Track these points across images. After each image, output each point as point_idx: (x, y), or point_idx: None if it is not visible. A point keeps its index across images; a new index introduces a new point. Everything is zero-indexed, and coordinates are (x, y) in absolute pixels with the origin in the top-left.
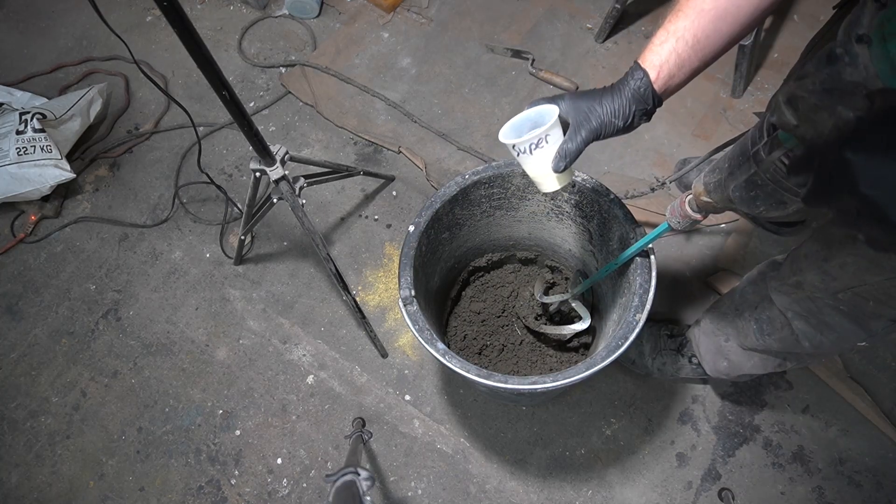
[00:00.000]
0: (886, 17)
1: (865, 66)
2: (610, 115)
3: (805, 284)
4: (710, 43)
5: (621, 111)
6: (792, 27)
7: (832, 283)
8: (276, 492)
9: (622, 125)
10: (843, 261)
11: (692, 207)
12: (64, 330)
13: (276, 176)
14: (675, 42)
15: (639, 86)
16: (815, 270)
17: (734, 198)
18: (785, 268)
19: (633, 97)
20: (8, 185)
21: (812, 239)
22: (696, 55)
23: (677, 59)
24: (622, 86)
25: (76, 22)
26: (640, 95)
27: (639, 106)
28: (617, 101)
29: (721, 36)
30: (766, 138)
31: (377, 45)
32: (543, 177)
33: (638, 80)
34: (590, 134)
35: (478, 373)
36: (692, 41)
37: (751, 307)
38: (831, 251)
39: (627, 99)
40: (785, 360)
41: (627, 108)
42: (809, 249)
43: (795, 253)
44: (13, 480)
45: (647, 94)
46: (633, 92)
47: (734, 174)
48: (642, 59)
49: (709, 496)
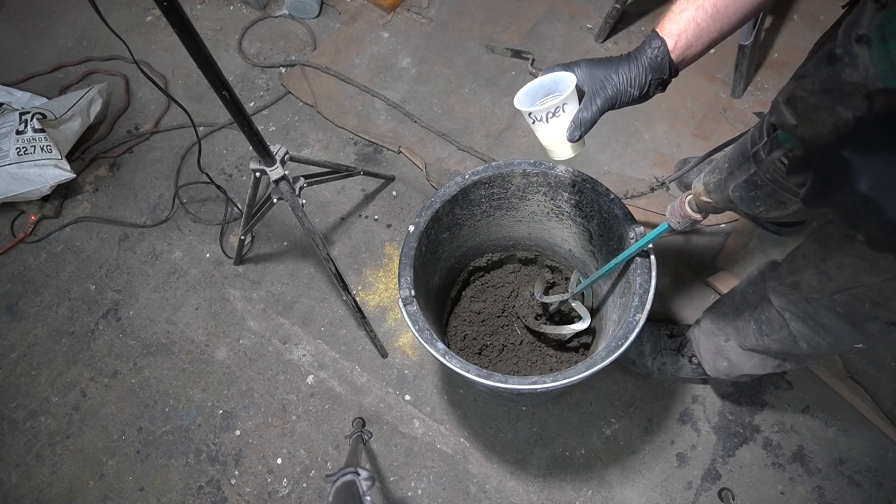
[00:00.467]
0: (886, 17)
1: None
2: (626, 83)
3: (802, 284)
4: (729, 13)
5: (637, 80)
6: (792, 27)
7: (829, 284)
8: (276, 492)
9: (638, 94)
10: (840, 261)
11: (692, 207)
12: (64, 330)
13: (276, 176)
14: (695, 11)
15: (656, 55)
16: (812, 270)
17: (734, 198)
18: (783, 267)
19: (649, 66)
20: (8, 185)
21: (810, 239)
22: (714, 25)
23: (696, 28)
24: (639, 54)
25: (76, 22)
26: (656, 64)
27: (655, 75)
28: (633, 69)
29: (741, 6)
30: (766, 138)
31: (377, 45)
32: (557, 145)
33: (655, 48)
34: (605, 102)
35: (478, 373)
36: (712, 10)
37: (750, 307)
38: (829, 251)
39: (644, 67)
40: (784, 361)
41: (644, 76)
42: (807, 249)
43: (794, 253)
44: (13, 480)
45: (664, 63)
46: (650, 60)
47: (734, 174)
48: (660, 28)
49: (709, 496)
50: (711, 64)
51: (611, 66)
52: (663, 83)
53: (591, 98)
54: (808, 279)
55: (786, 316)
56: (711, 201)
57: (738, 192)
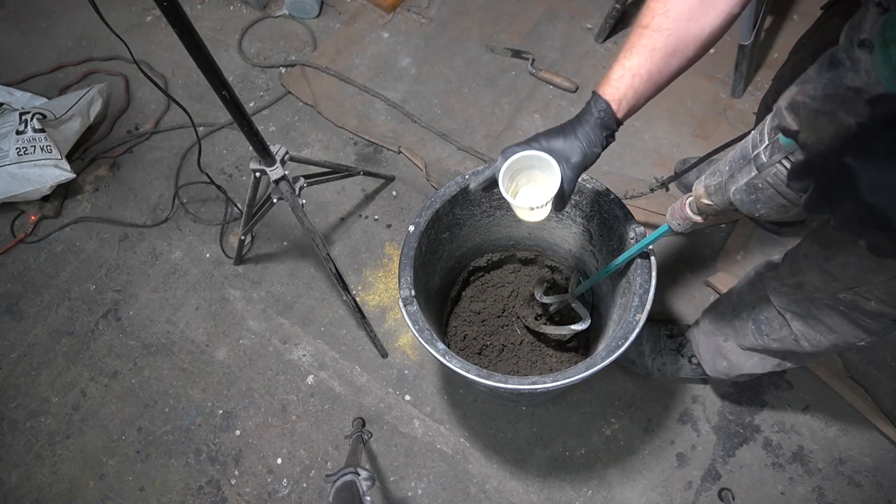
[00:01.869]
0: (888, 22)
1: (867, 72)
2: (589, 145)
3: (805, 285)
4: (662, 76)
5: (597, 139)
6: (792, 27)
7: (833, 284)
8: (276, 492)
9: (599, 151)
10: (844, 260)
11: (693, 210)
12: (64, 330)
13: (276, 176)
14: (632, 78)
15: (603, 116)
16: (815, 270)
17: (735, 201)
18: (784, 268)
19: (601, 126)
20: (8, 185)
21: (811, 239)
22: (650, 88)
23: (634, 93)
24: (588, 118)
25: (76, 22)
26: (605, 124)
27: (606, 132)
28: (591, 132)
29: (671, 70)
30: (768, 142)
31: (377, 45)
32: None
33: (601, 110)
34: (578, 169)
35: (478, 373)
36: (646, 76)
37: (748, 308)
38: (832, 251)
39: (598, 128)
40: (784, 360)
41: (599, 135)
42: (809, 249)
43: (794, 253)
44: (13, 480)
45: (611, 121)
46: (601, 121)
47: (735, 177)
48: (602, 91)
49: (709, 496)
50: (711, 64)
51: (568, 135)
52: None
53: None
54: (812, 279)
55: (787, 316)
56: (712, 204)
57: (739, 195)
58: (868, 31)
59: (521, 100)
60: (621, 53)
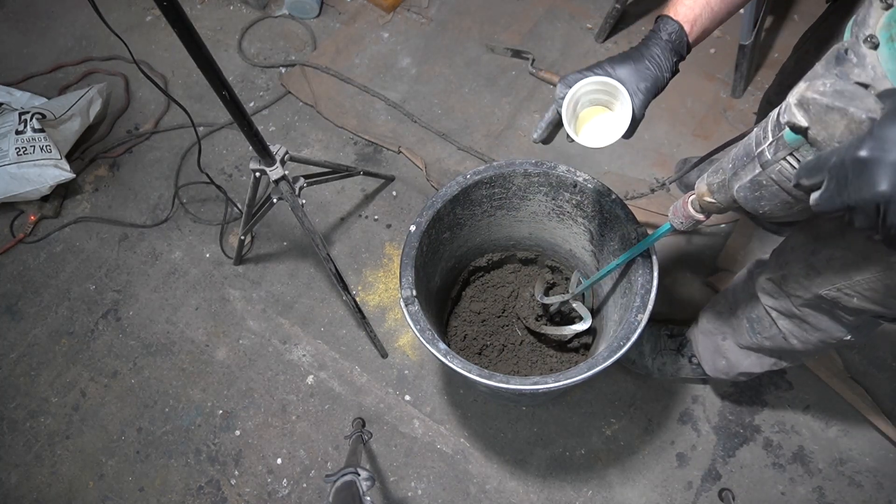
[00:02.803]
0: (893, 17)
1: (873, 67)
2: (660, 71)
3: (790, 278)
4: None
5: (667, 63)
6: (792, 27)
7: (816, 279)
8: (276, 492)
9: (669, 77)
10: (830, 254)
11: (695, 208)
12: (64, 330)
13: (275, 176)
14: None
15: (673, 38)
16: (801, 264)
17: (738, 198)
18: (772, 261)
19: (672, 50)
20: (7, 185)
21: (799, 231)
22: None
23: (710, 14)
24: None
25: (76, 22)
26: (676, 48)
27: (676, 58)
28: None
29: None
30: (772, 139)
31: (377, 45)
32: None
33: (673, 33)
34: (650, 94)
35: (479, 373)
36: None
37: (742, 306)
38: (819, 244)
39: (669, 52)
40: (780, 359)
41: (671, 60)
42: (797, 242)
43: (782, 246)
44: (13, 481)
45: (682, 46)
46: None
47: (738, 175)
48: (674, 12)
49: (709, 496)
50: (711, 64)
51: (638, 59)
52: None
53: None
54: (796, 272)
55: (773, 314)
56: (715, 202)
57: (743, 192)
58: (873, 26)
59: (521, 100)
60: None
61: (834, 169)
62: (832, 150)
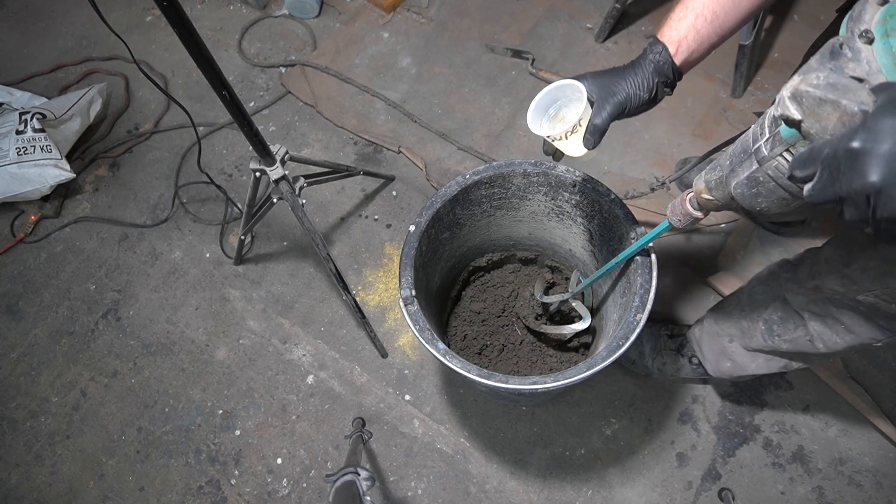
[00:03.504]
0: (889, 12)
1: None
2: (634, 88)
3: (824, 288)
4: (728, 19)
5: (645, 83)
6: (792, 27)
7: (852, 287)
8: (276, 492)
9: (647, 97)
10: (864, 265)
11: (693, 205)
12: (64, 330)
13: (276, 176)
14: (695, 18)
15: (658, 59)
16: (835, 275)
17: (736, 195)
18: (803, 271)
19: (654, 70)
20: (8, 185)
21: (833, 243)
22: (714, 31)
23: (696, 35)
24: (642, 61)
25: (76, 22)
26: (660, 68)
27: (660, 78)
28: (639, 74)
29: (740, 11)
30: (769, 134)
31: (377, 45)
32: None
33: (657, 53)
34: (615, 108)
35: (479, 373)
36: (711, 17)
37: (759, 307)
38: (852, 256)
39: (650, 72)
40: (791, 361)
41: (650, 80)
42: (830, 254)
43: (815, 256)
44: (13, 480)
45: (668, 67)
46: (655, 65)
47: (735, 171)
48: (661, 34)
49: (709, 496)
50: (711, 64)
51: (617, 74)
52: (669, 85)
53: (600, 106)
54: (831, 283)
55: (804, 315)
56: (713, 199)
57: (740, 189)
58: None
59: (521, 99)
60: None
61: (826, 160)
62: (825, 142)
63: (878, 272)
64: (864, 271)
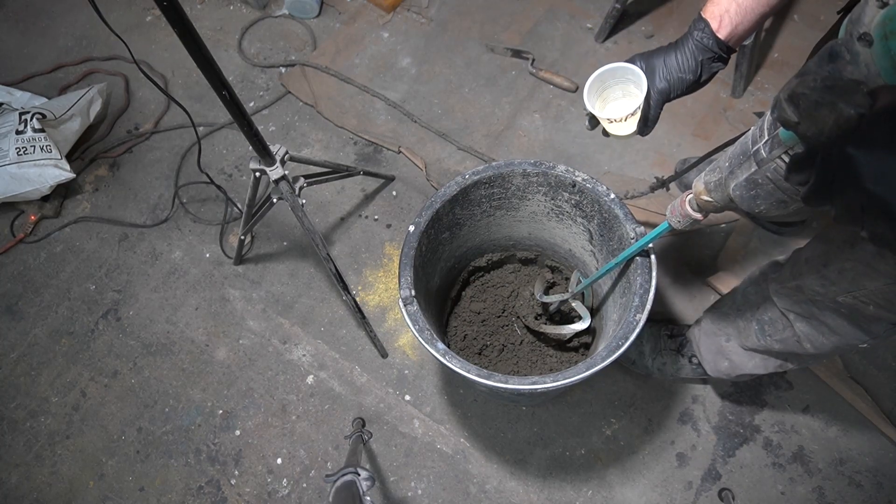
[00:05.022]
0: (888, 16)
1: (867, 65)
2: (676, 70)
3: (805, 288)
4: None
5: (687, 65)
6: (792, 27)
7: (831, 288)
8: (276, 492)
9: (692, 79)
10: (841, 266)
11: (692, 207)
12: (64, 330)
13: (275, 176)
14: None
15: (701, 36)
16: (814, 275)
17: (735, 197)
18: (786, 271)
19: (696, 48)
20: (8, 185)
21: (813, 243)
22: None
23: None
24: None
25: (76, 22)
26: (703, 45)
27: (705, 55)
28: (680, 56)
29: None
30: (767, 137)
31: (377, 44)
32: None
33: (700, 30)
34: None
35: (478, 373)
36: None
37: (752, 307)
38: (830, 256)
39: (691, 51)
40: (786, 362)
41: (693, 60)
42: (810, 254)
43: (796, 256)
44: (13, 480)
45: (712, 43)
46: (697, 43)
47: (734, 173)
48: (704, 10)
49: (709, 496)
50: None
51: (659, 57)
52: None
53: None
54: (811, 283)
55: (790, 317)
56: (712, 200)
57: (739, 190)
58: (867, 24)
59: (521, 99)
60: None
61: (821, 164)
62: (820, 145)
63: (854, 273)
64: (842, 272)
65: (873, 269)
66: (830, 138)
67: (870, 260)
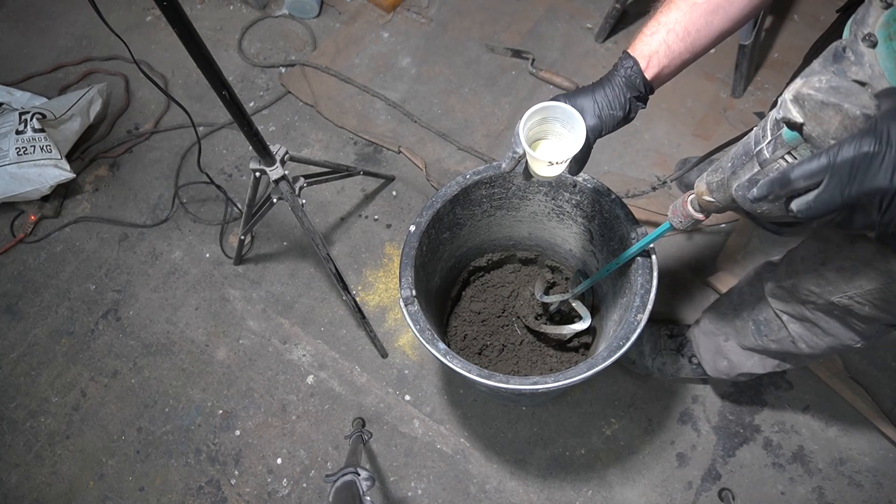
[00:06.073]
0: (892, 16)
1: (871, 66)
2: (608, 108)
3: (800, 288)
4: (700, 36)
5: (617, 101)
6: (792, 27)
7: (827, 288)
8: (276, 492)
9: (622, 115)
10: (840, 265)
11: (694, 207)
12: (64, 330)
13: (275, 176)
14: (666, 34)
15: (629, 74)
16: (811, 274)
17: (737, 197)
18: (781, 270)
19: (625, 85)
20: (8, 185)
21: (809, 241)
22: (686, 48)
23: (667, 50)
24: (613, 76)
25: (76, 22)
26: (631, 83)
27: (632, 93)
28: (611, 92)
29: (712, 30)
30: (770, 137)
31: (377, 44)
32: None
33: (628, 68)
34: (592, 134)
35: (479, 373)
36: (683, 34)
37: (748, 308)
38: (828, 255)
39: (620, 88)
40: (783, 361)
41: (622, 96)
42: (807, 252)
43: (792, 255)
44: (13, 480)
45: (638, 81)
46: (625, 80)
47: (737, 174)
48: (632, 49)
49: (709, 496)
50: (711, 64)
51: (586, 96)
52: (642, 99)
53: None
54: (807, 283)
55: (783, 318)
56: (714, 201)
57: (741, 191)
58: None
59: (521, 99)
60: (660, 7)
61: (837, 167)
62: (826, 152)
63: (852, 273)
64: (840, 271)
65: (874, 268)
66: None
67: (871, 259)
